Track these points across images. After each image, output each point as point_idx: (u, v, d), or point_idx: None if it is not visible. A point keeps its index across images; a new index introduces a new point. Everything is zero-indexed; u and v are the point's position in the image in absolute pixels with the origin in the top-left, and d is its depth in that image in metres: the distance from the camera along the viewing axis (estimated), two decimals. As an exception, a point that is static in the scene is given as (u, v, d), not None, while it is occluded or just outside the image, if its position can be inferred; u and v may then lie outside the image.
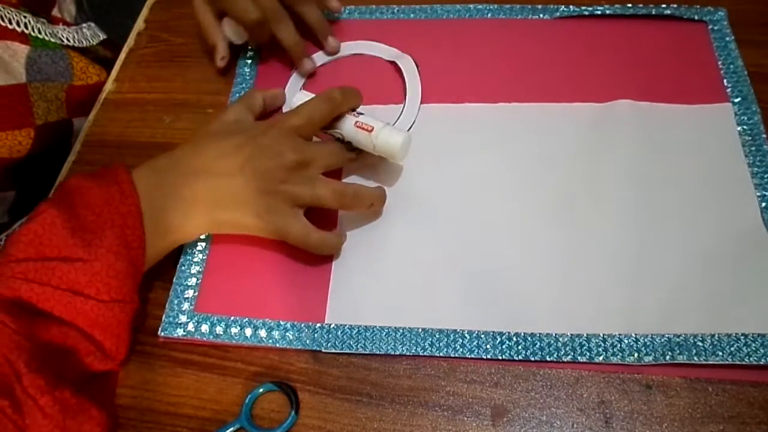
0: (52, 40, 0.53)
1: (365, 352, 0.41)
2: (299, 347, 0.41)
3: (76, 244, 0.36)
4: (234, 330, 0.42)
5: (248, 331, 0.42)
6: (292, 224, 0.42)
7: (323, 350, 0.41)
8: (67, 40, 0.55)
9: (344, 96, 0.45)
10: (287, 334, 0.42)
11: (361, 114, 0.45)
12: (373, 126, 0.44)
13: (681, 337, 0.39)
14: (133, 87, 0.57)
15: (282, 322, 0.42)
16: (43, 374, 0.34)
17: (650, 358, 0.39)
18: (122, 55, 0.59)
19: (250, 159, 0.41)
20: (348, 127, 0.45)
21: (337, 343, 0.41)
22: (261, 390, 0.40)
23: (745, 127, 0.48)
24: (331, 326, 0.42)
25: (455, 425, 0.38)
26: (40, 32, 0.52)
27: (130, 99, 0.56)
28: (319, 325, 0.42)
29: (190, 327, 0.42)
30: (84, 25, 0.59)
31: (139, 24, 0.61)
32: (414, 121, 0.51)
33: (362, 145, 0.45)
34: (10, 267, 0.36)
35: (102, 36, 0.61)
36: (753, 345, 0.38)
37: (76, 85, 0.56)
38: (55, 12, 0.55)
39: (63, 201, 0.38)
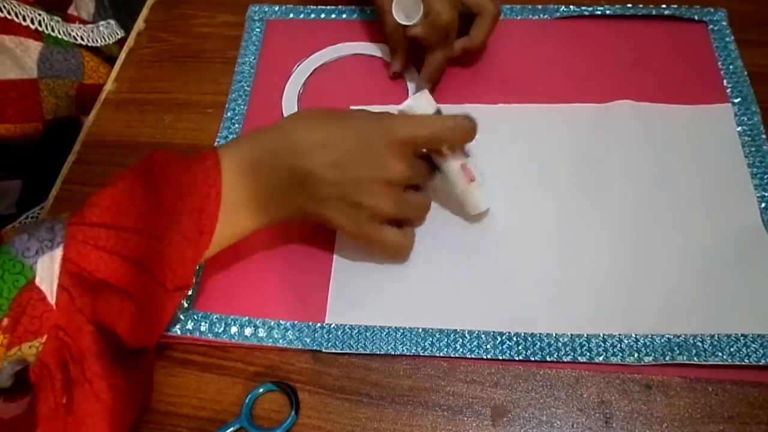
0: (65, 38, 0.54)
1: (365, 352, 0.41)
2: (299, 347, 0.41)
3: (152, 221, 0.36)
4: (234, 329, 0.42)
5: (248, 331, 0.42)
6: (386, 234, 0.41)
7: (323, 350, 0.41)
8: (81, 39, 0.56)
9: (469, 131, 0.41)
10: (287, 333, 0.42)
11: (468, 156, 0.42)
12: (474, 178, 0.42)
13: (681, 338, 0.39)
14: (133, 87, 0.57)
15: (282, 322, 0.42)
16: (101, 359, 0.35)
17: (650, 358, 0.39)
18: (122, 55, 0.59)
19: (344, 161, 0.39)
20: (452, 162, 0.42)
21: (337, 343, 0.41)
22: (261, 390, 0.40)
23: (744, 127, 0.48)
24: (332, 326, 0.42)
25: (455, 425, 0.38)
26: (53, 30, 0.52)
27: (130, 99, 0.56)
28: (319, 325, 0.42)
29: (189, 326, 0.42)
30: (102, 23, 0.59)
31: (139, 24, 0.61)
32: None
33: (451, 182, 0.42)
34: (83, 231, 0.35)
35: (120, 33, 0.60)
36: (753, 345, 0.38)
37: (87, 84, 0.56)
38: (71, 10, 0.56)
39: (145, 172, 0.38)
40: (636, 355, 0.39)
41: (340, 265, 0.44)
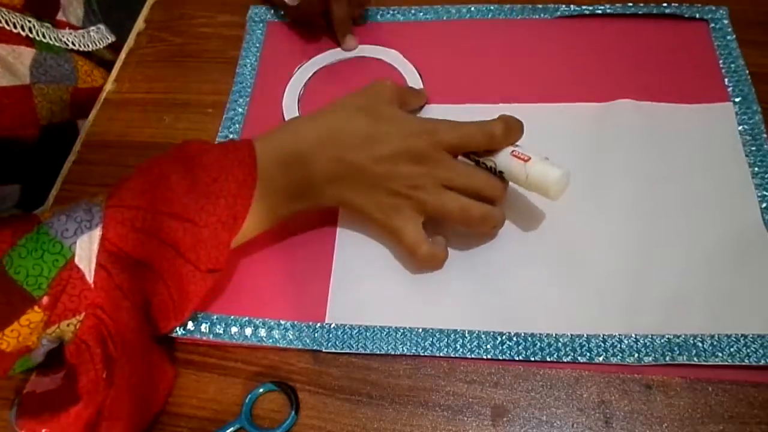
0: (57, 44, 0.54)
1: (365, 352, 0.41)
2: (299, 347, 0.41)
3: (188, 204, 0.37)
4: (234, 329, 0.42)
5: (248, 331, 0.42)
6: (409, 229, 0.41)
7: (323, 350, 0.41)
8: (72, 44, 0.56)
9: (506, 134, 0.41)
10: (287, 333, 0.42)
11: (518, 146, 0.42)
12: (530, 156, 0.40)
13: (681, 338, 0.39)
14: (133, 87, 0.57)
15: (282, 322, 0.42)
16: (138, 335, 0.36)
17: (650, 358, 0.39)
18: (122, 55, 0.59)
19: (391, 156, 0.40)
20: (503, 154, 0.41)
21: (337, 342, 0.41)
22: (261, 390, 0.40)
23: (745, 126, 0.48)
24: (332, 326, 0.42)
25: (455, 425, 0.38)
26: (44, 36, 0.53)
27: (130, 99, 0.56)
28: (319, 324, 0.42)
29: (190, 326, 0.42)
30: (92, 28, 0.59)
31: (139, 24, 0.61)
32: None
33: (513, 176, 0.41)
34: (121, 212, 0.36)
35: (110, 38, 0.61)
36: (753, 346, 0.38)
37: (81, 88, 0.57)
38: (60, 16, 0.56)
39: (180, 158, 0.39)
40: (636, 355, 0.39)
41: (340, 265, 0.44)
